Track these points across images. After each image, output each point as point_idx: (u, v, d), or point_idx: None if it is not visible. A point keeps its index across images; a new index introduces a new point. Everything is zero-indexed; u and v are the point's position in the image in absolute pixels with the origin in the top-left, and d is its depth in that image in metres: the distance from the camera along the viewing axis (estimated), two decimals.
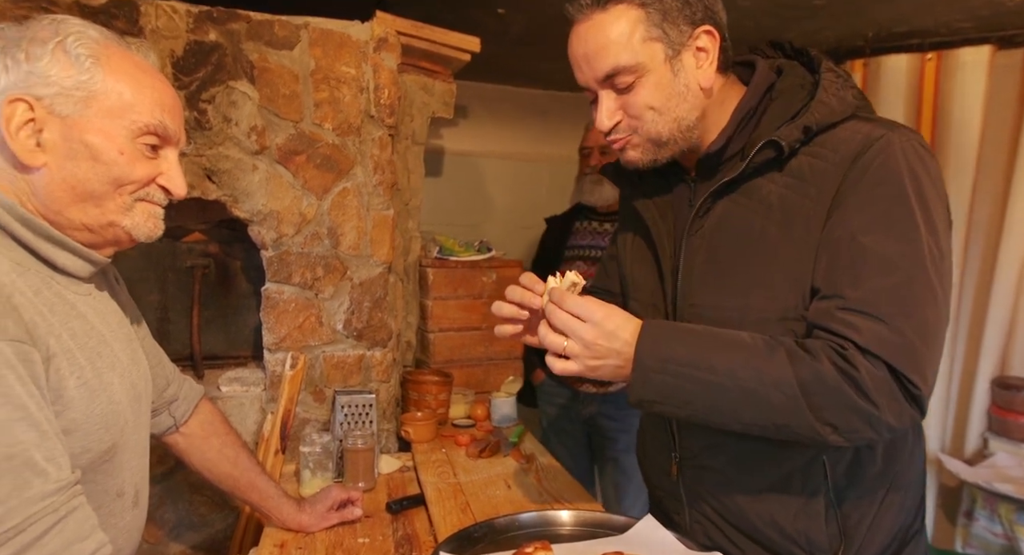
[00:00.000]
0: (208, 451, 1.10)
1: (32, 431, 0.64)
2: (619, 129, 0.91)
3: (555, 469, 1.54)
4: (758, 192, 0.88)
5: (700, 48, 0.87)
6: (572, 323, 0.82)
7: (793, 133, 0.83)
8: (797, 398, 0.77)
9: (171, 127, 0.80)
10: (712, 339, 0.82)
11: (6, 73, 0.72)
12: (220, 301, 1.84)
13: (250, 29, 1.48)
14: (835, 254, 0.81)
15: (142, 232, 0.81)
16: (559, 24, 0.95)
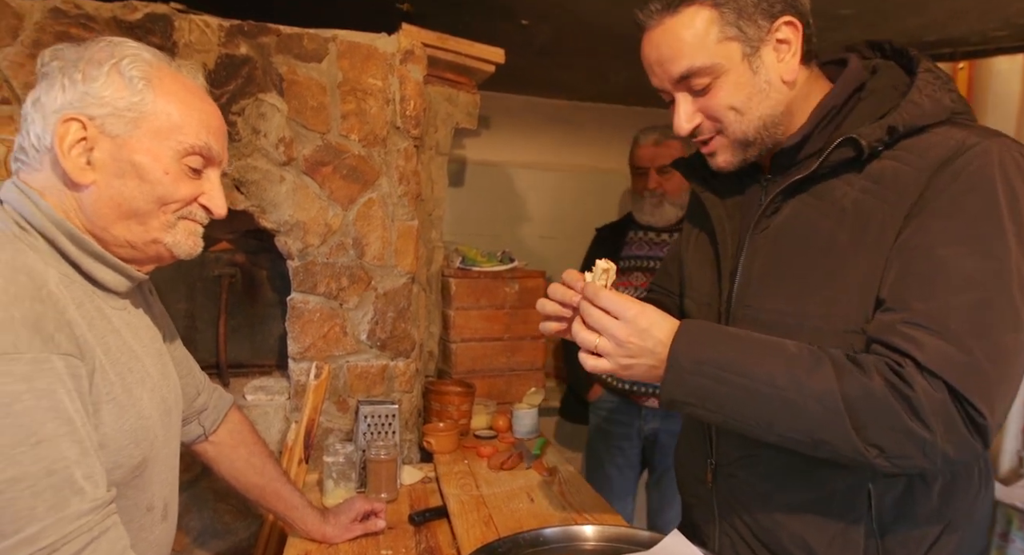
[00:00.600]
0: (236, 460, 1.11)
1: (75, 447, 0.65)
2: (701, 131, 0.89)
3: (578, 482, 1.53)
4: (831, 194, 0.83)
5: (781, 40, 0.82)
6: (604, 320, 0.79)
7: (875, 132, 0.77)
8: (839, 412, 0.71)
9: (215, 149, 0.82)
10: (752, 344, 0.78)
11: (63, 92, 0.74)
12: (246, 310, 1.86)
13: (280, 42, 1.50)
14: (907, 264, 0.75)
15: (183, 250, 0.82)
16: (583, 35, 0.94)
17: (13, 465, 0.61)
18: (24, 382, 0.62)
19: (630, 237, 2.23)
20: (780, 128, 0.87)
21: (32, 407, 0.62)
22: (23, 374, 0.62)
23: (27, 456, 0.61)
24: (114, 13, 1.37)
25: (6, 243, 0.69)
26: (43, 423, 0.63)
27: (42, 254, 0.72)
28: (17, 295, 0.64)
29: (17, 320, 0.63)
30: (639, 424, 2.14)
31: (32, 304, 0.65)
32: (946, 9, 1.90)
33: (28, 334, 0.63)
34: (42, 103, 0.74)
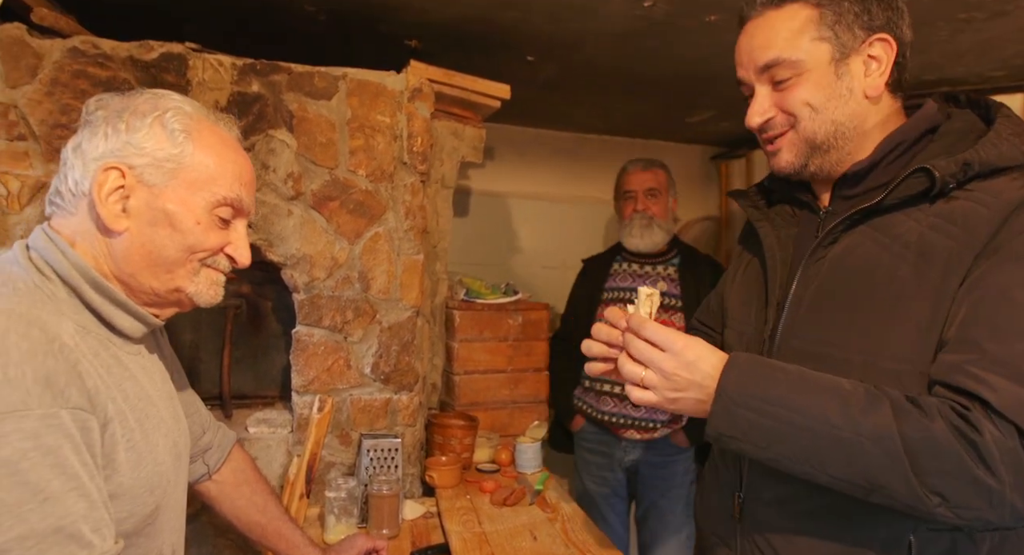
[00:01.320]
0: (238, 499, 1.11)
1: (82, 501, 0.65)
2: (772, 125, 0.88)
3: (581, 519, 1.51)
4: (895, 228, 0.80)
5: (872, 56, 0.83)
6: (650, 352, 0.78)
7: (950, 166, 0.75)
8: (899, 456, 0.68)
9: (246, 201, 0.85)
10: (804, 379, 0.76)
11: (105, 141, 0.76)
12: (250, 341, 1.87)
13: (291, 80, 1.54)
14: (977, 305, 0.72)
15: (203, 298, 0.84)
16: (588, 73, 0.96)
17: (21, 522, 0.61)
18: (32, 439, 0.62)
19: (614, 269, 2.25)
20: (851, 144, 0.86)
21: (39, 464, 0.62)
22: (31, 431, 0.62)
23: (35, 513, 0.61)
24: (130, 53, 1.40)
25: (24, 294, 0.70)
26: (50, 480, 0.63)
27: (60, 304, 0.73)
28: (31, 350, 0.64)
29: (29, 377, 0.63)
30: (619, 455, 2.15)
31: (44, 359, 0.65)
32: (945, 50, 1.94)
33: (39, 390, 0.64)
34: (83, 150, 0.76)
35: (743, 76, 0.89)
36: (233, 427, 1.63)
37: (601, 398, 2.13)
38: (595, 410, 2.14)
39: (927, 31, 1.78)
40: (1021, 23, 1.71)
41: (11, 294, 0.69)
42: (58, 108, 1.35)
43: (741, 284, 1.05)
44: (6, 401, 0.61)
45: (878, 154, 0.84)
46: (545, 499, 1.63)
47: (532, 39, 1.92)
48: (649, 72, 2.17)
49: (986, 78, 2.17)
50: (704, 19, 1.75)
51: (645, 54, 2.01)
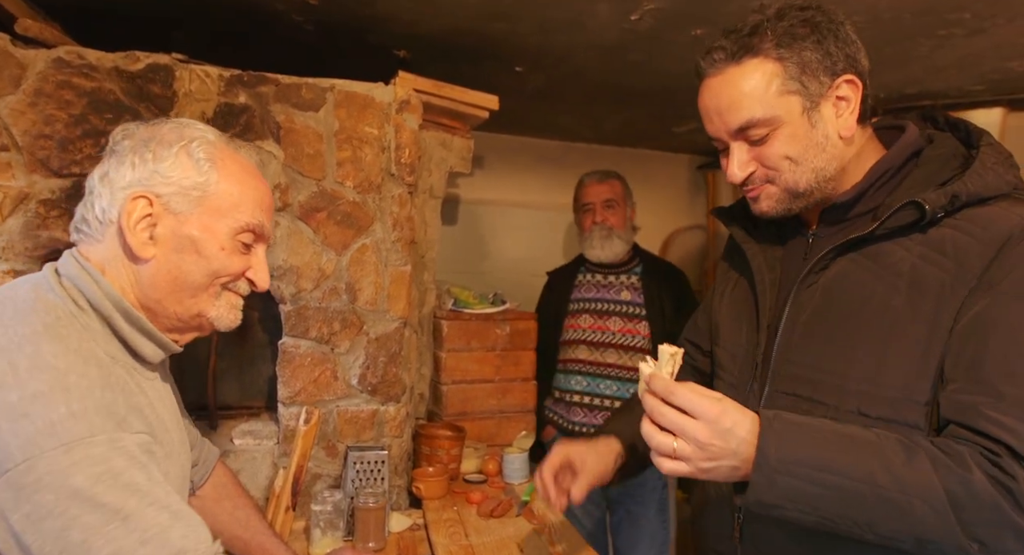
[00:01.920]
0: (220, 514, 1.10)
1: (164, 513, 0.68)
2: (753, 179, 0.89)
3: (568, 530, 1.52)
4: (887, 257, 0.81)
5: (841, 97, 0.83)
6: (682, 421, 0.73)
7: (939, 199, 0.77)
8: (946, 512, 0.68)
9: (266, 226, 0.87)
10: (841, 438, 0.74)
11: (132, 170, 0.78)
12: (236, 351, 1.86)
13: (278, 92, 1.53)
14: (984, 343, 0.73)
15: (224, 323, 0.86)
16: (576, 83, 0.99)
17: (110, 542, 0.64)
18: (102, 464, 0.65)
19: (579, 280, 2.29)
20: (832, 183, 0.87)
21: (112, 486, 0.65)
22: (100, 456, 0.65)
23: (119, 530, 0.64)
24: (116, 63, 1.40)
25: (72, 331, 0.71)
26: (126, 499, 0.65)
27: (94, 334, 0.75)
28: (89, 387, 0.67)
29: (91, 409, 0.66)
30: None
31: (103, 393, 0.68)
32: (926, 66, 1.98)
33: (101, 419, 0.67)
34: (111, 179, 0.78)
35: (713, 134, 0.90)
36: (218, 438, 1.62)
37: (571, 409, 2.17)
38: (565, 420, 2.18)
39: (908, 46, 1.82)
40: (998, 40, 1.75)
41: (55, 324, 0.70)
42: (42, 119, 1.34)
43: (730, 303, 1.04)
44: (73, 432, 0.64)
45: (865, 183, 0.85)
46: (532, 510, 1.63)
47: (521, 50, 1.94)
48: (636, 84, 2.19)
49: (966, 92, 2.21)
50: (690, 33, 1.77)
51: (632, 66, 2.03)
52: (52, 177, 1.36)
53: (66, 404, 0.65)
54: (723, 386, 1.01)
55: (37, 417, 0.63)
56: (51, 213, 1.36)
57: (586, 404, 2.16)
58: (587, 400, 2.16)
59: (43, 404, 0.64)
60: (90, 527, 0.63)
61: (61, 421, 0.64)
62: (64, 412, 0.64)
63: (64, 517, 0.62)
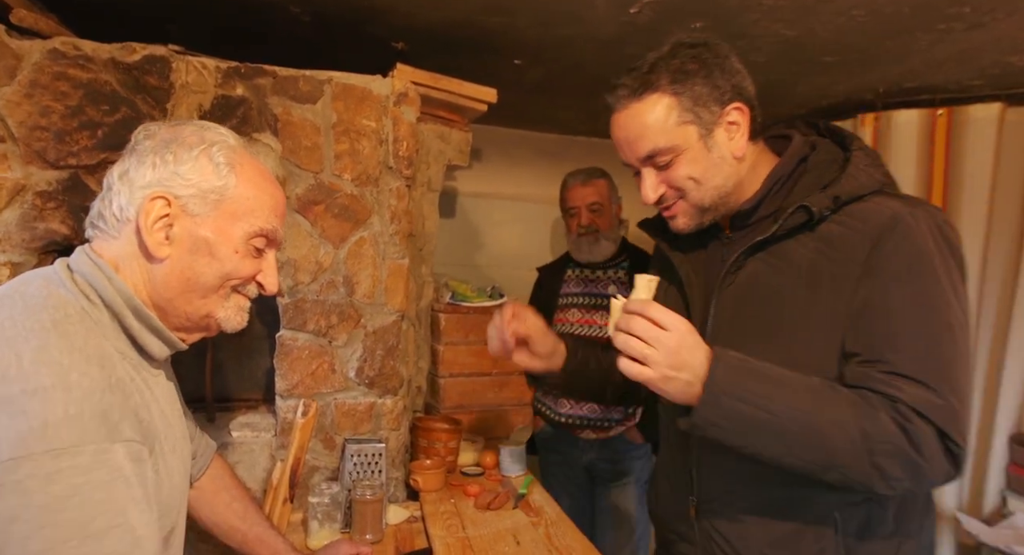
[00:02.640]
0: (217, 506, 1.11)
1: (125, 539, 0.67)
2: (664, 199, 1.00)
3: (564, 523, 1.52)
4: (788, 254, 0.94)
5: (732, 122, 0.95)
6: (656, 331, 0.84)
7: (823, 201, 0.90)
8: (857, 443, 0.82)
9: (279, 232, 0.88)
10: (780, 376, 0.86)
11: (153, 170, 0.79)
12: (234, 343, 1.86)
13: (276, 84, 1.53)
14: (871, 321, 0.87)
15: (231, 324, 0.87)
16: (574, 76, 1.02)
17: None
18: (84, 474, 0.64)
19: (568, 275, 2.30)
20: (733, 196, 0.99)
21: (87, 500, 0.64)
22: (84, 466, 0.64)
23: (76, 551, 0.64)
24: (112, 54, 1.39)
25: (80, 327, 0.71)
26: (95, 517, 0.65)
27: (104, 329, 0.75)
28: (91, 388, 0.67)
29: (86, 414, 0.66)
30: (578, 454, 2.20)
31: (103, 396, 0.68)
32: (924, 60, 1.97)
33: (95, 426, 0.66)
34: (131, 177, 0.79)
35: (626, 160, 1.01)
36: (216, 431, 1.62)
37: (559, 401, 2.19)
38: (553, 412, 2.20)
39: (908, 39, 1.81)
40: (997, 34, 1.75)
41: (64, 321, 0.70)
42: (38, 110, 1.33)
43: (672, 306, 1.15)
44: (64, 438, 0.64)
45: (763, 190, 0.99)
46: (529, 503, 1.64)
47: (519, 43, 1.93)
48: None
49: (965, 87, 2.20)
50: (689, 26, 1.76)
51: (631, 60, 1.99)
52: (49, 169, 1.35)
53: (64, 405, 0.64)
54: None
55: (34, 416, 0.63)
56: (48, 205, 1.36)
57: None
58: None
59: (41, 402, 0.64)
60: (50, 539, 0.62)
61: (55, 424, 0.63)
62: (61, 414, 0.64)
63: (30, 525, 0.62)
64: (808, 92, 2.34)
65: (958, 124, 2.25)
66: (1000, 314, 2.26)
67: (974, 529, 2.11)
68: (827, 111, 2.53)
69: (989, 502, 2.29)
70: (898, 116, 2.31)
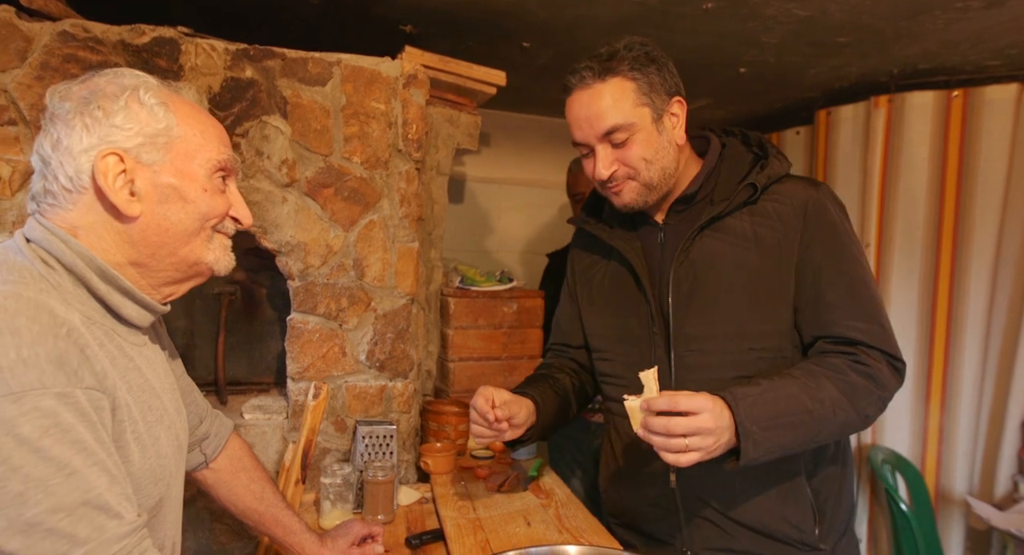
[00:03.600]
0: (235, 486, 1.11)
1: (104, 476, 0.67)
2: (615, 177, 1.10)
3: (574, 505, 1.53)
4: (734, 229, 1.10)
5: (673, 114, 1.10)
6: (693, 421, 0.89)
7: (761, 180, 1.08)
8: (848, 406, 0.99)
9: (233, 161, 0.86)
10: (777, 390, 0.98)
11: (87, 131, 0.74)
12: (245, 327, 1.87)
13: (285, 66, 1.52)
14: (820, 278, 1.06)
15: (222, 265, 0.85)
16: (583, 57, 1.06)
17: (49, 496, 0.62)
18: (51, 417, 0.63)
19: None
20: (673, 180, 1.13)
21: (59, 440, 0.63)
22: (49, 409, 0.63)
23: (61, 487, 0.63)
24: (122, 36, 1.39)
25: (31, 281, 0.69)
26: (71, 455, 0.64)
27: (66, 293, 0.72)
28: (41, 333, 0.64)
29: (42, 357, 0.64)
30: (588, 438, 2.22)
31: (56, 341, 0.65)
32: (939, 40, 1.94)
33: (53, 370, 0.64)
34: (66, 146, 0.74)
35: (581, 139, 1.11)
36: (228, 414, 1.63)
37: None
38: None
39: (924, 19, 1.78)
40: (1016, 13, 1.71)
41: (18, 281, 0.68)
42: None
43: (600, 296, 1.28)
44: (22, 380, 0.62)
45: (700, 179, 1.14)
46: (539, 485, 1.64)
47: (528, 25, 1.91)
48: None
49: (981, 67, 2.17)
50: (700, 7, 1.74)
51: None
52: None
53: (15, 348, 0.62)
54: (616, 365, 1.25)
55: None
56: None
57: None
58: None
59: None
60: (31, 479, 0.61)
61: (11, 367, 0.61)
62: (14, 357, 0.62)
63: (5, 466, 0.60)
64: (820, 75, 2.31)
65: (974, 106, 2.21)
66: (1013, 297, 2.24)
67: (985, 513, 2.11)
68: (840, 94, 2.50)
69: (1000, 487, 2.28)
70: (912, 98, 2.28)
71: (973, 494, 2.31)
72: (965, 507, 2.27)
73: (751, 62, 2.18)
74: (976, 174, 2.23)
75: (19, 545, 0.61)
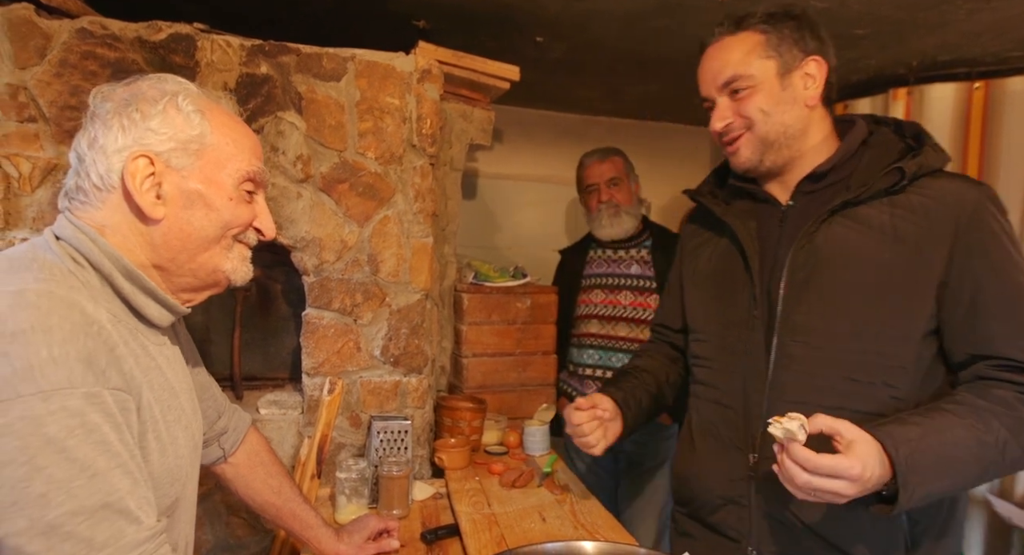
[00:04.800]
0: (253, 481, 1.12)
1: (127, 479, 0.67)
2: (731, 128, 1.06)
3: (590, 501, 1.53)
4: (869, 219, 0.99)
5: (808, 73, 1.03)
6: (832, 485, 0.84)
7: (912, 167, 0.96)
8: (1016, 447, 0.90)
9: (264, 174, 0.86)
10: (940, 433, 0.89)
11: (123, 132, 0.76)
12: (260, 323, 1.88)
13: (299, 62, 1.52)
14: (981, 290, 0.93)
15: (239, 275, 0.85)
16: (597, 54, 1.05)
17: (71, 498, 0.62)
18: (77, 417, 0.63)
19: (590, 256, 2.30)
20: (797, 143, 1.05)
21: (84, 441, 0.63)
22: (76, 409, 0.63)
23: (83, 489, 0.63)
24: (139, 33, 1.39)
25: (61, 279, 0.70)
26: (96, 457, 0.64)
27: (93, 291, 0.73)
28: (72, 331, 0.65)
29: (72, 356, 0.64)
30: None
31: (85, 340, 0.66)
32: (961, 30, 1.91)
33: (82, 369, 0.65)
34: (101, 144, 0.76)
35: (706, 93, 1.09)
36: (244, 409, 1.64)
37: (584, 382, 2.19)
38: (579, 393, 2.20)
39: (945, 9, 1.75)
40: None
41: (49, 278, 0.69)
42: (68, 90, 1.35)
43: (707, 278, 1.20)
44: (51, 379, 0.62)
45: (836, 158, 1.05)
46: (554, 481, 1.64)
47: (540, 19, 1.90)
48: (658, 52, 2.15)
49: (1003, 58, 2.13)
50: None
51: (655, 34, 1.99)
52: None
53: (47, 347, 0.63)
54: (710, 347, 1.18)
55: (16, 358, 0.61)
56: None
57: (599, 377, 2.17)
58: (599, 373, 2.18)
59: (23, 344, 0.62)
60: (54, 480, 0.61)
61: (41, 365, 0.62)
62: (45, 355, 0.62)
63: (29, 466, 0.60)
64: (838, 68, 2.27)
65: (995, 98, 2.17)
66: None
67: (1006, 512, 2.08)
68: (857, 86, 2.47)
69: (1021, 485, 2.24)
70: (932, 91, 2.24)
71: (994, 493, 2.27)
72: (986, 506, 2.24)
73: None
74: (997, 167, 2.19)
75: (40, 547, 0.61)
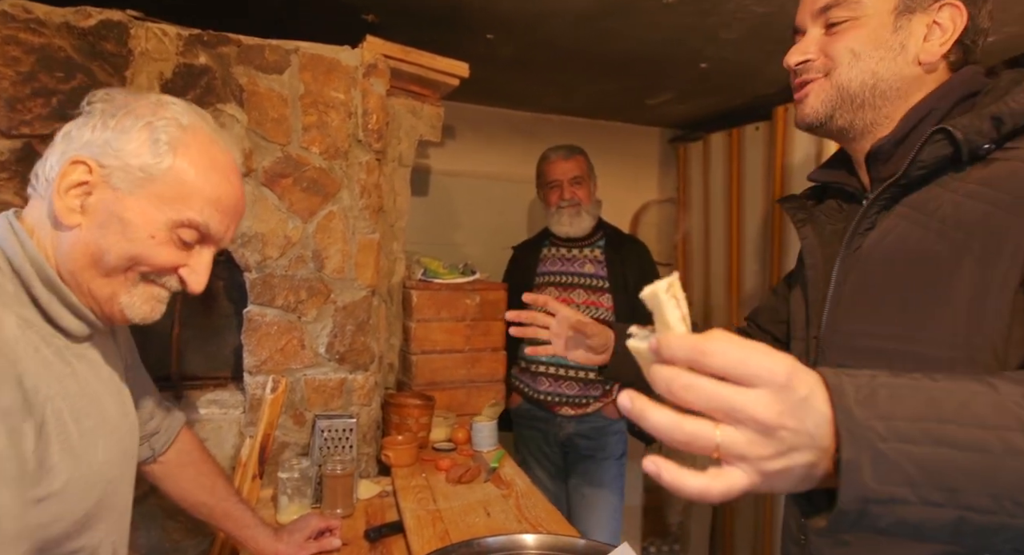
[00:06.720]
0: (183, 480, 1.09)
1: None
2: (807, 68, 0.83)
3: (534, 495, 1.54)
4: (930, 203, 0.72)
5: (937, 22, 0.76)
6: (731, 395, 0.41)
7: (975, 123, 0.67)
8: None
9: (214, 229, 0.80)
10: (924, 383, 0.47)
11: (91, 132, 0.74)
12: (201, 321, 1.83)
13: (240, 53, 1.49)
14: None
15: (136, 312, 0.79)
16: (548, 52, 0.97)
17: None
18: None
19: (544, 253, 2.33)
20: (887, 106, 0.79)
21: None
22: None
23: None
24: (66, 19, 1.34)
25: None
26: None
27: (5, 296, 0.71)
28: None
29: None
30: (555, 430, 2.24)
31: None
32: None
33: None
34: (71, 137, 0.75)
35: (800, 21, 0.85)
36: (183, 409, 1.60)
37: (537, 378, 2.22)
38: (531, 389, 2.23)
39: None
40: None
41: None
42: None
43: (795, 288, 0.97)
44: None
45: (905, 125, 0.77)
46: (500, 476, 1.65)
47: (492, 17, 1.90)
48: (609, 53, 2.18)
49: None
50: (663, 1, 1.75)
51: (605, 35, 2.01)
52: (0, 138, 1.31)
53: None
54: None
55: None
56: (0, 175, 1.31)
57: (551, 374, 2.20)
58: (552, 370, 2.20)
59: None
60: None
61: None
62: None
63: None
64: (779, 72, 2.35)
65: None
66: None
67: None
68: None
69: None
70: None
71: None
72: None
73: (711, 58, 2.21)
74: None
75: None
